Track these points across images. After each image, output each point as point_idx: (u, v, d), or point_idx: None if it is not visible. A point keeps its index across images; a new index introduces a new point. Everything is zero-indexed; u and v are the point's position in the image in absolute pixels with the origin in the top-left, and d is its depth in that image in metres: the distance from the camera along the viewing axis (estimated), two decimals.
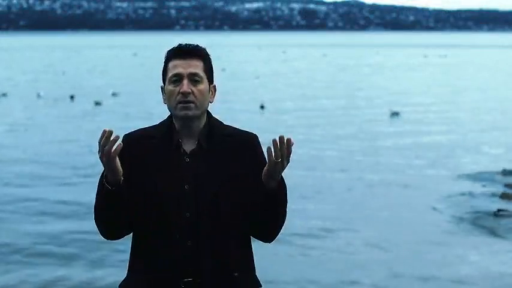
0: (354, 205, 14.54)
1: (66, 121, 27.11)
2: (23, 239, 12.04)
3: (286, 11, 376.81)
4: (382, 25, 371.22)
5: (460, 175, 17.23)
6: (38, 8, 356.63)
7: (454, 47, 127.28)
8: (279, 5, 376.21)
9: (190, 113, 3.42)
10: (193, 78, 3.43)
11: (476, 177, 17.01)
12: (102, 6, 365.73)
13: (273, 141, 3.28)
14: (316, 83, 46.12)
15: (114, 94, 36.54)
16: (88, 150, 19.78)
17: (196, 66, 3.44)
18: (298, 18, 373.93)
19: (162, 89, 3.51)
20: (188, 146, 3.47)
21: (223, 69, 53.99)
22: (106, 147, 3.23)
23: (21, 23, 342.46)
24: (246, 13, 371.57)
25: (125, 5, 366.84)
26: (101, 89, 38.61)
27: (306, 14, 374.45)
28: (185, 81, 3.42)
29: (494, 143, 22.46)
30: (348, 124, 26.76)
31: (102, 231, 3.49)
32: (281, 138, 3.28)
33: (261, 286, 3.57)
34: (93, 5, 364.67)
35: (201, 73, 3.45)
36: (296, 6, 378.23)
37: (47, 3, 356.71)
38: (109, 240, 3.60)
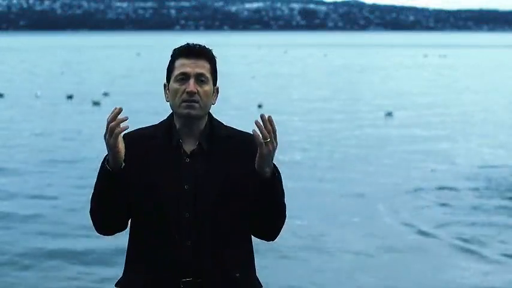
0: (352, 207, 14.45)
1: (64, 122, 26.99)
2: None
3: (286, 11, 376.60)
4: (382, 25, 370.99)
5: (457, 175, 17.15)
6: (38, 8, 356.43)
7: (454, 47, 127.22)
8: (279, 5, 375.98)
9: (193, 112, 3.42)
10: (200, 79, 3.44)
11: (476, 177, 16.94)
12: (102, 6, 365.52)
13: (255, 122, 3.29)
14: (316, 83, 46.04)
15: (105, 94, 36.45)
16: (81, 153, 19.65)
17: (203, 67, 3.45)
18: (298, 18, 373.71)
19: (165, 86, 3.52)
20: (188, 147, 3.46)
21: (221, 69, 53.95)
22: (112, 123, 3.25)
23: (21, 23, 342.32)
24: (246, 13, 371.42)
25: (125, 5, 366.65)
26: (100, 89, 38.48)
27: (306, 14, 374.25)
28: (192, 81, 3.42)
29: (492, 142, 22.40)
30: (344, 123, 26.78)
31: (96, 222, 3.48)
32: (262, 116, 3.29)
33: (261, 287, 3.56)
34: (93, 5, 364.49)
35: (208, 74, 3.46)
36: (296, 6, 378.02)
37: (47, 3, 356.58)
38: (102, 235, 3.55)
